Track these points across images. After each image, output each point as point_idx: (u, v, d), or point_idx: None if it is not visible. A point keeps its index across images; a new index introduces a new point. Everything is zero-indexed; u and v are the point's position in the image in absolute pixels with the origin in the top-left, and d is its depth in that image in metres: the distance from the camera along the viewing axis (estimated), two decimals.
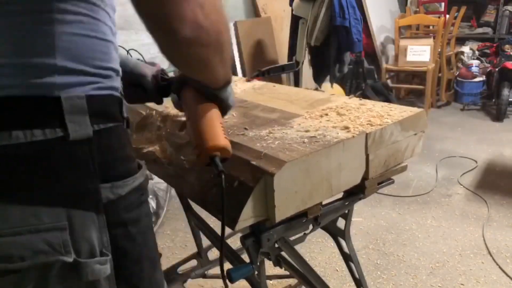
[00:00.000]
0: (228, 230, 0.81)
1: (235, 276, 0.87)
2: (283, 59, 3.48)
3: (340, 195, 1.02)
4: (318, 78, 3.27)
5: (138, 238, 0.66)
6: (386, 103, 1.11)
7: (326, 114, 1.05)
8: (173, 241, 2.34)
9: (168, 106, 1.26)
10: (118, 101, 0.65)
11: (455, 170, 3.00)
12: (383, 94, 3.95)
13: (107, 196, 0.60)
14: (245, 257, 0.97)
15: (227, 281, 0.83)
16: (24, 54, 0.52)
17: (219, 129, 0.75)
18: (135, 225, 0.65)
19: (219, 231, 0.70)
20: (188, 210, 1.54)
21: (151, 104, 1.28)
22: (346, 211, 1.14)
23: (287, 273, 1.36)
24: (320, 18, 2.85)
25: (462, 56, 4.72)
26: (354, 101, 1.16)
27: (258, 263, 0.92)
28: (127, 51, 2.33)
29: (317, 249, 2.19)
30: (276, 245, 1.01)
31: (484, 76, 4.39)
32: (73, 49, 0.55)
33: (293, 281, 1.82)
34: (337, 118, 1.01)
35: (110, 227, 0.61)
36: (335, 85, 3.45)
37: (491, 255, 2.06)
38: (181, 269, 1.71)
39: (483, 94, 4.42)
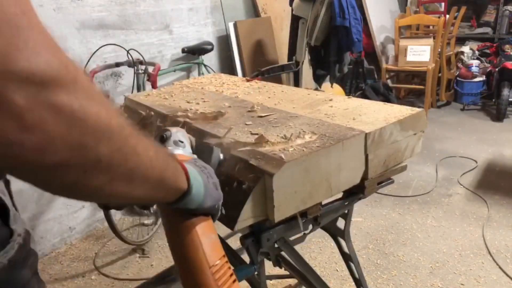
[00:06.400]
0: (228, 230, 0.81)
1: (237, 277, 0.87)
2: (283, 59, 3.48)
3: (340, 195, 1.02)
4: (318, 78, 3.27)
5: None
6: (386, 103, 1.11)
7: (326, 114, 1.05)
8: None
9: (166, 105, 1.26)
10: None
11: (455, 170, 3.00)
12: (383, 94, 3.95)
13: None
14: (245, 257, 0.97)
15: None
16: None
17: (207, 273, 0.58)
18: None
19: (219, 231, 0.70)
20: None
21: (151, 104, 1.28)
22: (346, 211, 1.14)
23: (287, 273, 1.36)
24: (320, 18, 2.85)
25: (462, 56, 4.71)
26: (353, 101, 1.16)
27: (258, 263, 0.92)
28: (127, 51, 2.33)
29: (317, 249, 2.19)
30: (276, 245, 1.01)
31: (484, 76, 4.39)
32: None
33: (293, 281, 1.82)
34: (336, 118, 1.01)
35: None
36: (335, 85, 3.45)
37: (491, 255, 2.06)
38: None
39: (483, 94, 4.42)
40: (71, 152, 0.36)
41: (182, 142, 0.72)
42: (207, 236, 0.60)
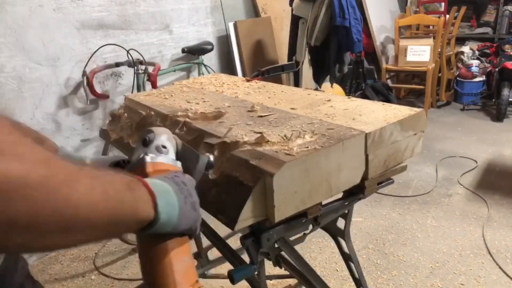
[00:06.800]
0: (228, 230, 0.81)
1: (236, 277, 0.87)
2: (283, 59, 3.48)
3: (340, 195, 1.02)
4: (318, 78, 3.27)
5: None
6: (386, 103, 1.11)
7: (326, 114, 1.05)
8: None
9: (165, 105, 1.26)
10: None
11: (455, 170, 3.00)
12: (383, 94, 3.95)
13: None
14: (245, 257, 0.97)
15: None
16: None
17: None
18: None
19: (219, 232, 0.69)
20: None
21: (151, 104, 1.28)
22: (346, 211, 1.14)
23: (287, 273, 1.36)
24: (320, 18, 2.85)
25: (462, 56, 4.71)
26: (353, 101, 1.16)
27: (258, 263, 0.92)
28: (127, 51, 2.33)
29: (317, 249, 2.19)
30: (276, 245, 1.01)
31: (484, 76, 4.39)
32: None
33: (293, 281, 1.82)
34: (336, 118, 1.01)
35: None
36: (335, 85, 3.45)
37: (491, 255, 2.06)
38: None
39: (483, 94, 4.42)
40: None
41: (165, 147, 0.67)
42: (181, 260, 0.57)
